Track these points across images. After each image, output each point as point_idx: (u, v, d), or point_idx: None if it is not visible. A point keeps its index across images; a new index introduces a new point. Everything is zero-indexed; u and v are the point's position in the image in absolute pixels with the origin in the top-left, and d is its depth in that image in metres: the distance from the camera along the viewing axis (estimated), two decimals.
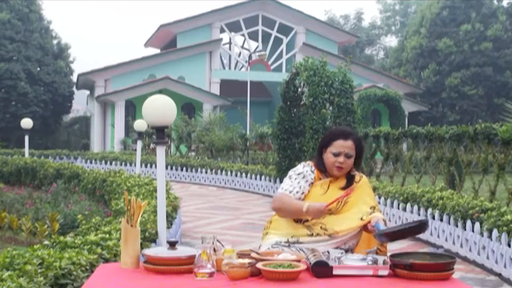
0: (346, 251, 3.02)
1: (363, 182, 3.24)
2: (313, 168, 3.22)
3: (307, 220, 3.08)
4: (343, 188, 3.15)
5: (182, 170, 17.08)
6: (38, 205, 9.10)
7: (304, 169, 3.21)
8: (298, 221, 3.10)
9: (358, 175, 3.27)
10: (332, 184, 3.18)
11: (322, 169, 3.21)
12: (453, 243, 6.91)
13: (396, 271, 2.52)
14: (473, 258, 6.44)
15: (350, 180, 3.20)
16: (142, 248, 2.91)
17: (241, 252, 2.73)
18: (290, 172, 3.24)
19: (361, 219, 3.04)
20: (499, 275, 5.87)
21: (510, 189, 8.40)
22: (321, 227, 3.05)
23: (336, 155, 3.15)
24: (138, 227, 2.72)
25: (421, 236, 7.79)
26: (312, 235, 3.04)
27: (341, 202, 3.10)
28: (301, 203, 3.04)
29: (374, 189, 9.56)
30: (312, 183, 3.17)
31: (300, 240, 3.03)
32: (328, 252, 2.70)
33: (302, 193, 3.14)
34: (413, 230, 2.82)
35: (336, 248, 2.99)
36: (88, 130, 33.84)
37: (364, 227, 3.05)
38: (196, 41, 29.04)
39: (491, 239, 6.02)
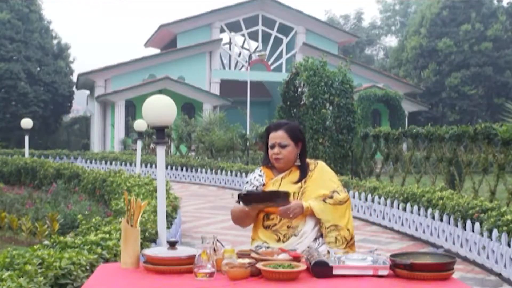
0: (315, 240, 3.05)
1: (318, 168, 3.26)
2: (262, 171, 3.29)
3: (274, 225, 3.10)
4: (297, 182, 3.19)
5: (182, 170, 17.08)
6: (38, 205, 9.10)
7: (252, 176, 3.29)
8: (266, 227, 3.13)
9: (312, 163, 3.29)
10: (285, 179, 3.22)
11: (272, 166, 3.28)
12: (453, 243, 6.91)
13: (396, 271, 2.52)
14: (473, 258, 6.44)
15: (303, 171, 3.23)
16: (142, 248, 2.91)
17: (241, 252, 2.73)
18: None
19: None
20: (499, 275, 5.87)
21: (510, 189, 8.40)
22: (287, 226, 3.07)
23: (271, 147, 3.22)
24: (138, 227, 2.72)
25: (421, 236, 7.80)
26: (279, 240, 3.07)
27: (299, 193, 3.14)
28: (240, 205, 3.08)
29: (374, 189, 9.57)
30: (264, 185, 3.23)
31: (270, 246, 3.04)
32: (328, 252, 2.70)
33: None
34: (272, 199, 2.93)
35: (299, 243, 3.00)
36: (88, 130, 33.85)
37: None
38: (196, 41, 29.04)
39: (491, 239, 6.02)
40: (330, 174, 3.30)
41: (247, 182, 3.28)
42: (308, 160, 3.30)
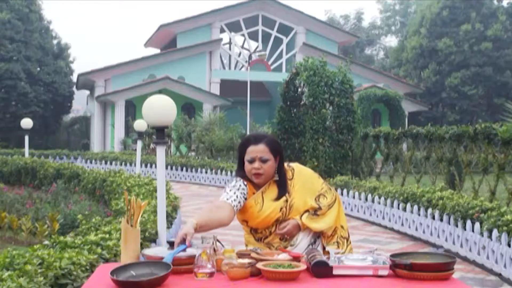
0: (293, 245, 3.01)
1: (296, 175, 3.08)
2: (245, 182, 3.03)
3: (266, 237, 3.04)
4: (276, 199, 3.01)
5: (182, 170, 17.08)
6: (38, 205, 9.10)
7: (237, 183, 3.03)
8: (258, 239, 3.07)
9: (288, 170, 3.09)
10: (266, 194, 3.02)
11: (246, 179, 3.04)
12: (453, 243, 6.91)
13: (396, 271, 2.52)
14: (473, 258, 6.44)
15: (281, 185, 3.03)
16: (142, 248, 2.91)
17: (241, 252, 2.73)
18: (226, 187, 3.08)
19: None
20: (499, 275, 5.87)
21: (510, 189, 8.40)
22: (280, 239, 3.01)
23: (251, 161, 2.97)
24: (138, 227, 2.72)
25: (421, 236, 7.80)
26: (268, 246, 3.02)
27: (286, 207, 3.00)
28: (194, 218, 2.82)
29: (374, 189, 9.56)
30: (246, 198, 3.01)
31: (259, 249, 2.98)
32: (328, 252, 2.70)
33: (239, 202, 2.97)
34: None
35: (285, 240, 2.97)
36: (88, 130, 33.85)
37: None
38: (196, 41, 29.04)
39: (491, 239, 6.02)
40: (310, 177, 3.14)
41: (233, 186, 3.01)
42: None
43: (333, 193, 3.13)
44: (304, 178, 3.09)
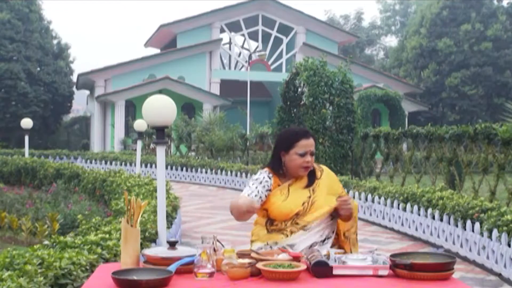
0: (323, 241, 3.04)
1: (324, 176, 3.21)
2: (270, 174, 3.16)
3: (277, 224, 3.07)
4: (306, 187, 3.12)
5: (182, 170, 17.08)
6: (38, 205, 9.10)
7: (261, 175, 3.15)
8: (271, 231, 3.09)
9: (318, 169, 3.23)
10: (292, 187, 3.13)
11: (281, 173, 3.16)
12: (453, 243, 6.91)
13: (396, 271, 2.52)
14: (473, 258, 6.44)
15: (311, 177, 3.17)
16: (142, 248, 2.91)
17: (241, 252, 2.73)
18: (248, 181, 3.18)
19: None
20: (499, 275, 5.87)
21: (510, 189, 8.40)
22: (292, 223, 3.05)
23: (303, 155, 3.10)
24: (138, 227, 2.72)
25: (421, 236, 7.80)
26: (287, 236, 3.04)
27: (308, 204, 3.08)
28: (238, 200, 2.98)
29: (374, 189, 9.57)
30: (270, 190, 3.12)
31: (278, 242, 3.02)
32: (328, 252, 2.70)
33: (260, 197, 3.07)
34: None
35: (312, 244, 2.98)
36: (88, 130, 33.85)
37: (336, 213, 3.07)
38: (196, 41, 29.04)
39: (491, 239, 6.02)
40: (335, 180, 3.26)
41: (256, 179, 3.13)
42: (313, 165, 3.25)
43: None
44: (329, 181, 3.21)
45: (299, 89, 13.36)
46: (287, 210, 3.05)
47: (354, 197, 9.95)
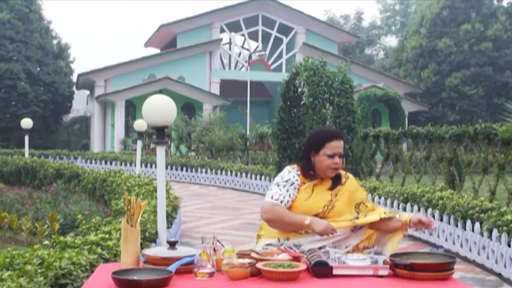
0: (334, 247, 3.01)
1: (349, 183, 3.18)
2: (299, 172, 3.13)
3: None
4: (330, 189, 3.10)
5: (182, 170, 17.08)
6: (38, 205, 9.10)
7: (291, 174, 3.12)
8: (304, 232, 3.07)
9: (344, 175, 3.21)
10: (317, 187, 3.11)
11: (310, 173, 3.13)
12: (453, 243, 6.91)
13: (396, 271, 2.52)
14: (473, 258, 6.44)
15: (336, 181, 3.15)
16: (142, 248, 2.91)
17: (241, 252, 2.73)
18: (277, 179, 3.12)
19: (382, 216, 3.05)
20: (499, 275, 5.87)
21: (510, 189, 8.40)
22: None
23: (332, 156, 3.07)
24: (138, 227, 2.72)
25: (421, 236, 7.80)
26: (300, 234, 3.02)
27: (328, 206, 3.07)
28: (301, 217, 2.97)
29: (374, 189, 9.57)
30: (298, 189, 3.10)
31: (290, 238, 3.01)
32: (328, 252, 2.70)
33: (291, 199, 3.07)
34: None
35: (321, 247, 2.97)
36: (88, 130, 33.85)
37: (372, 225, 3.05)
38: (196, 41, 29.03)
39: (491, 239, 6.02)
40: (358, 188, 3.23)
41: (286, 181, 3.08)
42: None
43: (372, 204, 3.24)
44: (352, 188, 3.18)
45: (299, 89, 13.35)
46: (307, 209, 3.04)
47: None
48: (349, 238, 3.06)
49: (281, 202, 3.03)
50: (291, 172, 3.13)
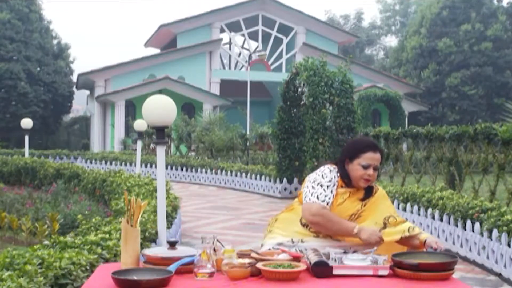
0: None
1: (378, 195, 3.16)
2: (338, 174, 3.12)
3: (319, 234, 3.04)
4: (361, 200, 3.09)
5: (182, 170, 17.08)
6: (38, 205, 9.09)
7: (332, 174, 3.10)
8: (305, 225, 3.07)
9: (375, 187, 3.19)
10: (352, 195, 3.10)
11: (345, 180, 3.11)
12: (453, 243, 6.91)
13: (396, 271, 2.52)
14: (473, 258, 6.44)
15: (368, 192, 3.12)
16: (142, 248, 2.91)
17: (241, 252, 2.73)
18: (318, 178, 3.09)
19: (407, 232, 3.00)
20: (499, 275, 5.87)
21: (510, 189, 8.40)
22: (331, 236, 3.03)
23: (366, 167, 3.05)
24: (138, 227, 2.72)
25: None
26: (318, 236, 3.01)
27: (355, 215, 3.06)
28: (350, 225, 2.95)
29: None
30: (336, 188, 3.10)
31: (304, 240, 2.99)
32: (328, 252, 2.70)
33: (333, 199, 3.06)
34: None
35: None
36: (88, 130, 33.85)
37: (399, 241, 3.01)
38: (196, 41, 29.04)
39: (491, 239, 6.02)
40: (386, 201, 3.19)
41: (330, 181, 3.06)
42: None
43: (402, 218, 3.18)
44: (381, 201, 3.15)
45: (299, 89, 13.35)
46: (337, 213, 3.03)
47: None
48: (369, 245, 3.03)
49: (327, 204, 3.01)
50: (332, 171, 3.11)
